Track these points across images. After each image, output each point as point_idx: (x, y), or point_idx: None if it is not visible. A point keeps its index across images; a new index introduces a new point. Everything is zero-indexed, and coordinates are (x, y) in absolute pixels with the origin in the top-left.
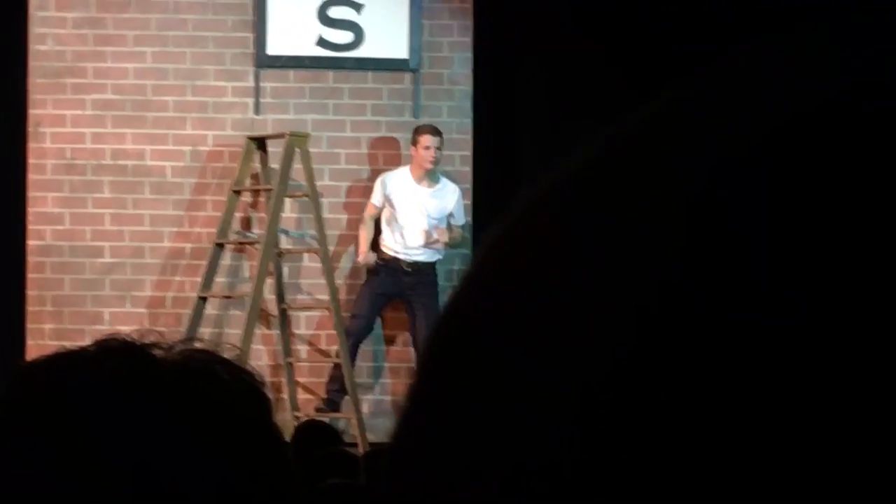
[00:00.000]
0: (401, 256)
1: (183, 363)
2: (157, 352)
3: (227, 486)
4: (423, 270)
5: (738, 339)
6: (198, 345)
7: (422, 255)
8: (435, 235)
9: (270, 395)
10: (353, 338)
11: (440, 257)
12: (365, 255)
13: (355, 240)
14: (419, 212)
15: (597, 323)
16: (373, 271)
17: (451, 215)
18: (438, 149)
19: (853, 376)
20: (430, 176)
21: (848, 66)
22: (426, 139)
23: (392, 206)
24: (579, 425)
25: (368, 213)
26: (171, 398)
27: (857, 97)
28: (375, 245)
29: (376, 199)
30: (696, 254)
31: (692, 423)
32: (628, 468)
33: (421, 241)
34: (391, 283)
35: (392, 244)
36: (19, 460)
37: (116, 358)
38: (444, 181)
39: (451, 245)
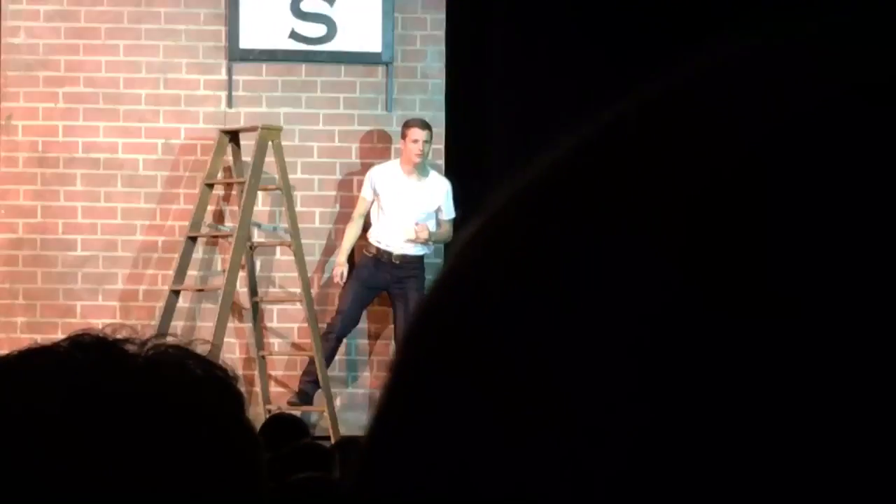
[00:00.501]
0: (389, 249)
1: (155, 358)
2: (129, 347)
3: (200, 481)
4: (411, 264)
5: (743, 342)
6: (170, 339)
7: (410, 249)
8: (417, 231)
9: (243, 389)
10: (336, 333)
11: (428, 251)
12: (340, 267)
13: (329, 234)
14: (407, 205)
15: (601, 327)
16: (361, 265)
17: (438, 209)
18: (426, 142)
19: (854, 378)
20: (419, 169)
21: (846, 67)
22: (414, 132)
23: (380, 198)
24: (594, 435)
25: (358, 209)
26: (143, 393)
27: (856, 99)
28: (363, 240)
29: (366, 192)
30: (698, 256)
31: (701, 430)
32: (641, 479)
33: (408, 234)
34: (379, 277)
35: (380, 237)
36: None
37: (89, 353)
38: (433, 174)
39: (436, 241)
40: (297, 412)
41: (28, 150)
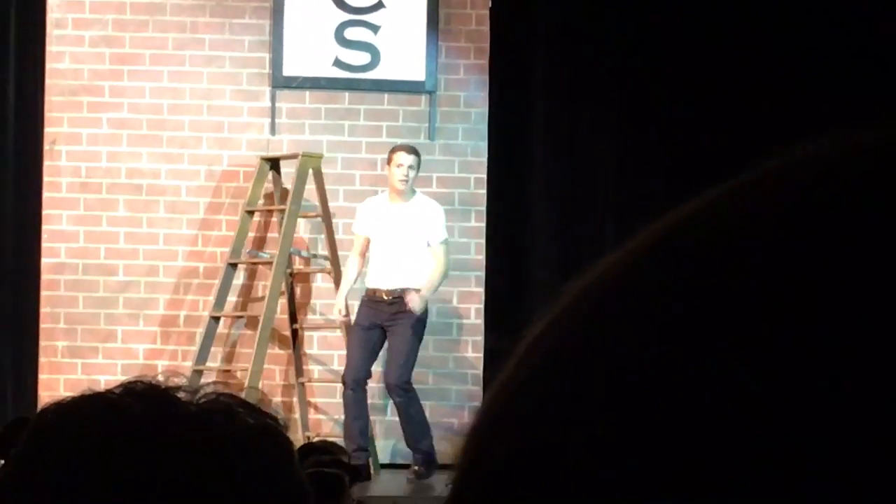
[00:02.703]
0: (380, 286)
1: (207, 407)
2: (181, 395)
3: None
4: (402, 299)
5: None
6: (220, 387)
7: (401, 283)
8: (407, 302)
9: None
10: (348, 384)
11: (421, 285)
12: (338, 309)
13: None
14: (395, 234)
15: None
16: (358, 309)
17: (431, 239)
18: (411, 167)
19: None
20: (405, 196)
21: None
22: (398, 156)
23: (370, 232)
24: None
25: (354, 247)
26: (194, 443)
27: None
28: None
29: (357, 227)
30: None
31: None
32: None
33: (401, 265)
34: (373, 316)
35: (371, 276)
36: (41, 501)
37: (141, 401)
38: (423, 199)
39: (434, 288)
40: (336, 438)
41: (71, 175)
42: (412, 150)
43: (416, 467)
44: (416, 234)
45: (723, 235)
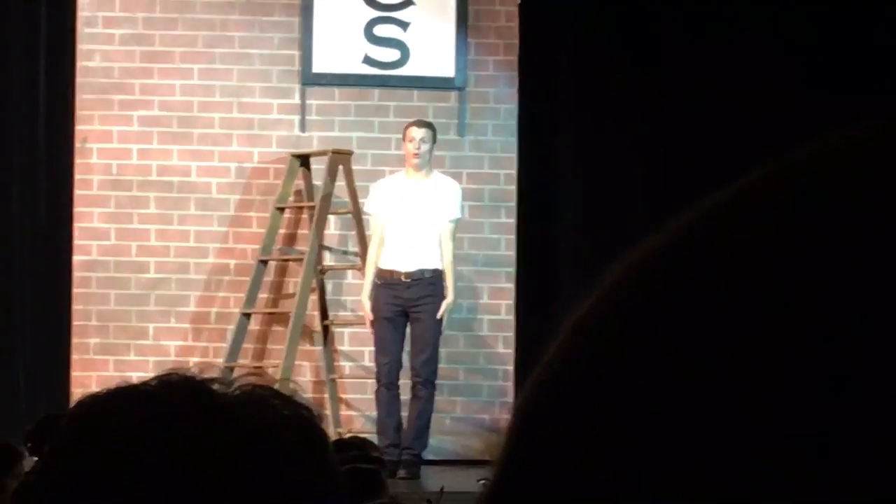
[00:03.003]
0: (397, 269)
1: (242, 398)
2: (217, 387)
3: None
4: (426, 280)
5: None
6: (255, 379)
7: (419, 265)
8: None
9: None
10: (383, 381)
11: (440, 267)
12: (368, 316)
13: None
14: (412, 212)
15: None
16: (374, 298)
17: (445, 218)
18: (423, 140)
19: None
20: (422, 173)
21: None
22: (410, 131)
23: (386, 211)
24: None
25: (374, 232)
26: (229, 435)
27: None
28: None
29: (371, 208)
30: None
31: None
32: None
33: (419, 244)
34: (394, 300)
35: (387, 258)
36: (78, 494)
37: (176, 393)
38: (440, 177)
39: (454, 294)
40: (367, 434)
41: (102, 172)
42: (424, 124)
43: (407, 467)
44: (434, 211)
45: (726, 237)
